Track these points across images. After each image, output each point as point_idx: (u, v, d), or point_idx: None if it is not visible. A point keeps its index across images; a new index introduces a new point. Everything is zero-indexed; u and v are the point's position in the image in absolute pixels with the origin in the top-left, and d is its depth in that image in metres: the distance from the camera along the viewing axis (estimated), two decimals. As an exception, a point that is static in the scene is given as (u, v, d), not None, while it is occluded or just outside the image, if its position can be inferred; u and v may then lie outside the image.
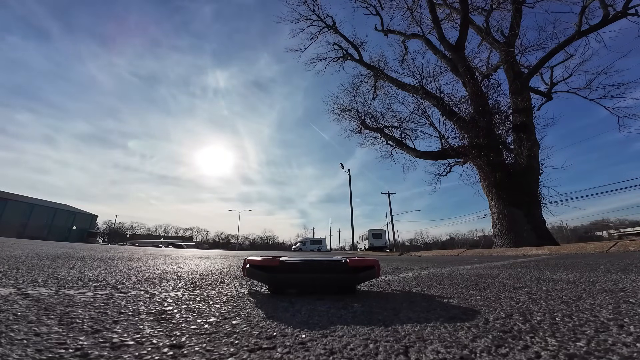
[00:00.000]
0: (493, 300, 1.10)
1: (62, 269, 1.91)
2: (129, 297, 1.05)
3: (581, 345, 0.58)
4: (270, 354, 0.53)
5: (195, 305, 0.96)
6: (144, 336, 0.61)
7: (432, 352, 0.54)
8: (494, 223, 10.86)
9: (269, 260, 1.18)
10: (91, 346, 0.54)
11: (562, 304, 0.99)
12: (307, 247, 44.27)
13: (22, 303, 0.88)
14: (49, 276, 1.55)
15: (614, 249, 5.24)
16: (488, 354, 0.53)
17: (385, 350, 0.55)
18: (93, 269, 2.07)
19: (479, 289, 1.40)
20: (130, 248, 10.29)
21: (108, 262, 2.77)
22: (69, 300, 0.96)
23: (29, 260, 2.41)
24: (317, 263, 1.16)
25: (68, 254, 3.54)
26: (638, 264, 2.62)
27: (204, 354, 0.52)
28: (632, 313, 0.84)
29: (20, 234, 45.10)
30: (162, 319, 0.77)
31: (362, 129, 15.36)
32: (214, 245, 77.35)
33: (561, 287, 1.42)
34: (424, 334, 0.66)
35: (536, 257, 4.90)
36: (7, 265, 1.97)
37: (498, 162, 10.93)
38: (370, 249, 33.04)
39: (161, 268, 2.42)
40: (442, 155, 12.91)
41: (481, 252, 7.94)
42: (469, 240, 69.97)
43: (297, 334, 0.65)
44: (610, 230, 50.45)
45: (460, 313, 0.88)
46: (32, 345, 0.53)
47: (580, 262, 3.14)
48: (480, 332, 0.67)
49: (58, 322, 0.70)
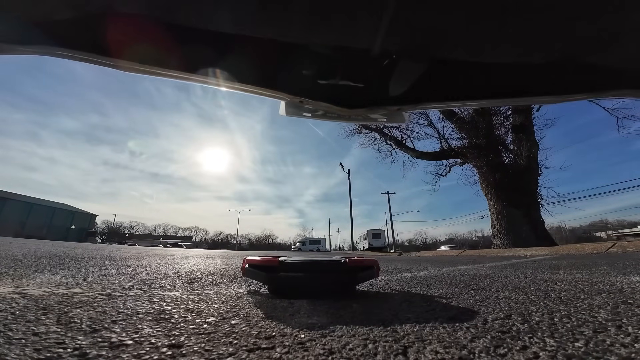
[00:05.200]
0: (492, 300, 1.10)
1: (60, 269, 1.91)
2: (128, 297, 1.05)
3: (579, 345, 0.58)
4: (269, 353, 0.53)
5: (194, 305, 0.96)
6: (143, 336, 0.61)
7: (431, 352, 0.54)
8: (493, 223, 10.88)
9: (268, 260, 1.18)
10: (90, 346, 0.54)
11: (560, 305, 1.00)
12: (307, 247, 44.28)
13: (21, 302, 0.88)
14: (47, 275, 1.54)
15: (613, 249, 5.26)
16: (487, 354, 0.53)
17: (384, 351, 0.55)
18: (92, 268, 2.06)
19: (478, 290, 1.40)
20: (129, 248, 10.28)
21: (107, 261, 2.76)
22: (67, 299, 0.96)
23: (28, 260, 2.41)
24: (316, 263, 1.16)
25: (67, 254, 3.53)
26: (636, 264, 2.63)
27: (203, 354, 0.52)
28: (630, 314, 0.84)
29: (19, 233, 44.98)
30: (161, 318, 0.77)
31: (362, 129, 15.37)
32: (213, 245, 77.29)
33: (560, 287, 1.43)
34: (423, 334, 0.66)
35: (535, 257, 4.91)
36: (5, 264, 1.97)
37: (497, 162, 10.96)
38: (370, 249, 33.05)
39: (160, 268, 2.41)
40: (441, 155, 12.93)
41: (480, 253, 7.95)
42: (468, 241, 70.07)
43: (296, 334, 0.65)
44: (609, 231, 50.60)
45: (459, 313, 0.88)
46: (30, 344, 0.53)
47: (579, 263, 3.15)
48: (479, 332, 0.67)
49: (56, 321, 0.69)
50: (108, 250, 5.84)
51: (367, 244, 35.95)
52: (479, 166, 11.46)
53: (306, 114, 0.70)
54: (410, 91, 0.61)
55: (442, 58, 0.56)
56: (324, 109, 0.67)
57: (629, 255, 4.25)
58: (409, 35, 0.50)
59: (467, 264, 3.66)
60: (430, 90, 0.62)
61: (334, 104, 0.64)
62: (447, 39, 0.51)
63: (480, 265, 3.37)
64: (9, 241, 7.40)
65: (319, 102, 0.64)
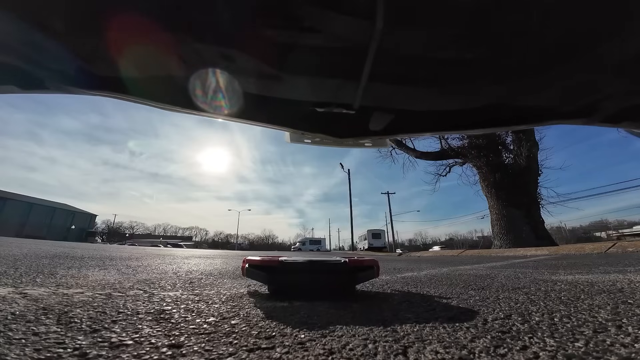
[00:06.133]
0: (492, 300, 1.10)
1: (60, 268, 1.91)
2: (128, 297, 1.05)
3: (579, 345, 0.58)
4: (269, 353, 0.53)
5: (194, 305, 0.96)
6: (143, 336, 0.61)
7: (431, 352, 0.54)
8: (493, 223, 10.88)
9: (268, 260, 1.18)
10: (90, 346, 0.54)
11: (560, 305, 1.00)
12: (307, 247, 44.26)
13: (21, 302, 0.88)
14: (47, 275, 1.54)
15: (613, 249, 5.26)
16: (487, 354, 0.53)
17: (384, 351, 0.55)
18: (92, 268, 2.06)
19: (478, 290, 1.40)
20: (129, 248, 10.28)
21: (107, 261, 2.76)
22: (67, 299, 0.96)
23: (28, 260, 2.41)
24: (316, 263, 1.16)
25: (67, 254, 3.54)
26: (636, 264, 2.63)
27: (203, 354, 0.52)
28: (630, 314, 0.84)
29: (19, 233, 44.99)
30: (161, 318, 0.76)
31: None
32: (213, 245, 77.30)
33: (560, 287, 1.43)
34: (423, 334, 0.66)
35: (535, 257, 4.91)
36: (5, 264, 1.97)
37: (497, 162, 10.96)
38: (370, 249, 33.05)
39: (160, 268, 2.41)
40: (441, 155, 12.92)
41: (480, 253, 7.95)
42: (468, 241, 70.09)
43: (296, 334, 0.65)
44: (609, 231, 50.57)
45: (459, 313, 0.88)
46: (30, 344, 0.53)
47: (579, 263, 3.15)
48: (479, 332, 0.67)
49: (56, 321, 0.69)
50: (108, 250, 5.84)
51: (367, 244, 35.93)
52: (479, 166, 11.46)
53: (307, 141, 0.88)
54: (388, 126, 0.80)
55: (405, 109, 0.77)
56: (320, 138, 0.85)
57: (629, 255, 4.25)
58: (378, 96, 0.72)
59: (467, 264, 3.66)
60: (403, 126, 0.81)
61: (329, 135, 0.82)
62: (408, 98, 0.73)
63: (480, 265, 3.37)
64: (9, 241, 7.40)
65: (316, 134, 0.83)
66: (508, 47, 0.58)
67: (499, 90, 0.69)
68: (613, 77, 0.62)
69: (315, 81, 0.68)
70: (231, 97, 0.70)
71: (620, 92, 0.65)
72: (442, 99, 0.72)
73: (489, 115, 0.75)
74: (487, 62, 0.61)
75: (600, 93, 0.66)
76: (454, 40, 0.56)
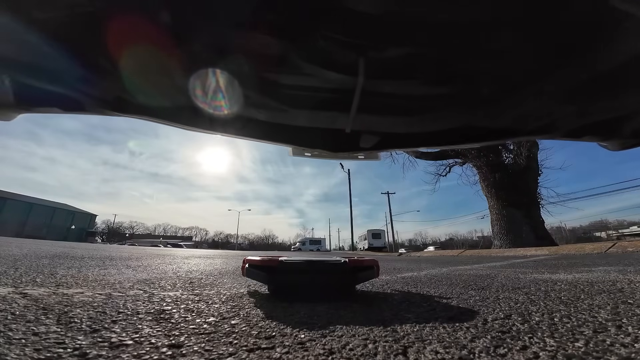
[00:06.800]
0: (492, 300, 1.10)
1: (60, 268, 1.91)
2: (128, 297, 1.05)
3: (579, 345, 0.58)
4: (269, 353, 0.53)
5: (194, 305, 0.96)
6: (143, 336, 0.61)
7: (431, 352, 0.54)
8: (493, 223, 10.88)
9: (268, 260, 1.18)
10: (90, 346, 0.54)
11: (560, 305, 1.00)
12: (307, 247, 44.24)
13: (21, 302, 0.88)
14: (47, 275, 1.54)
15: (613, 249, 5.26)
16: (487, 354, 0.53)
17: (384, 351, 0.55)
18: (92, 268, 2.06)
19: (478, 290, 1.40)
20: (129, 248, 10.28)
21: (107, 261, 2.76)
22: (67, 299, 0.96)
23: (28, 260, 2.41)
24: (316, 263, 1.16)
25: (67, 254, 3.54)
26: (636, 264, 2.63)
27: (203, 354, 0.52)
28: (630, 314, 0.84)
29: (19, 233, 44.98)
30: (161, 318, 0.77)
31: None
32: (213, 245, 77.26)
33: (560, 287, 1.43)
34: (423, 334, 0.66)
35: (535, 257, 4.92)
36: (5, 264, 1.97)
37: (497, 162, 10.96)
38: (370, 249, 33.05)
39: (160, 267, 2.41)
40: (441, 155, 12.91)
41: (480, 253, 7.95)
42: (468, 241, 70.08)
43: (296, 334, 0.65)
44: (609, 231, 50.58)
45: (459, 313, 0.88)
46: (30, 344, 0.53)
47: (579, 263, 3.15)
48: (479, 332, 0.67)
49: (56, 321, 0.69)
50: (108, 250, 5.84)
51: (367, 244, 35.93)
52: (479, 166, 11.45)
53: (307, 154, 1.01)
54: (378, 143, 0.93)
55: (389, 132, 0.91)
56: (319, 152, 0.98)
57: (629, 255, 4.26)
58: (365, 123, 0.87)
59: (467, 264, 3.66)
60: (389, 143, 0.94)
61: (327, 150, 0.95)
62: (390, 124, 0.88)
63: (480, 265, 3.37)
64: (9, 241, 7.40)
65: (315, 149, 0.97)
66: (465, 85, 0.73)
67: (464, 117, 0.84)
68: (562, 103, 0.73)
69: (313, 113, 0.84)
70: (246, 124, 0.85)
71: (572, 114, 0.76)
72: (418, 125, 0.88)
73: (462, 133, 0.89)
74: (450, 97, 0.76)
75: (552, 116, 0.77)
76: (423, 83, 0.73)
